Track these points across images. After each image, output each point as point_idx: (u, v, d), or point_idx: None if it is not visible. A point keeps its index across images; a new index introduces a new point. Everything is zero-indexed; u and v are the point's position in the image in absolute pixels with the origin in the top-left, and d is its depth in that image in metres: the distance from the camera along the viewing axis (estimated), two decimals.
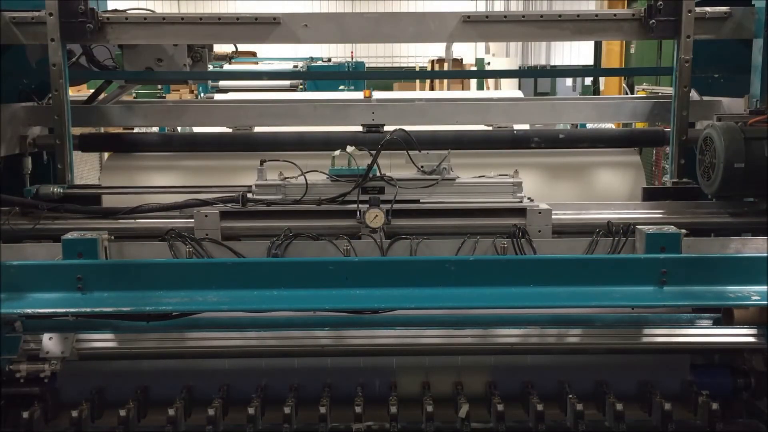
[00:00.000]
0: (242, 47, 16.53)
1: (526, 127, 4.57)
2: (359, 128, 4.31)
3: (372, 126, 4.29)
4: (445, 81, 19.31)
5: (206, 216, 3.37)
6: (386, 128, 4.27)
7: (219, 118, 4.46)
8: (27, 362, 3.15)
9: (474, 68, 21.99)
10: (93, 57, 4.30)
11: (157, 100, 4.62)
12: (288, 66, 15.93)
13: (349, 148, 3.47)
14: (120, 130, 6.62)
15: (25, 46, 4.04)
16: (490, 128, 4.42)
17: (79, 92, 5.17)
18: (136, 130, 6.36)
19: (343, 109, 4.39)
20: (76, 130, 4.11)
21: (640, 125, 5.24)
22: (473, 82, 19.51)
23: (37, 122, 4.18)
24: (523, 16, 3.98)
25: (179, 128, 4.86)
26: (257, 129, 4.45)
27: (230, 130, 4.46)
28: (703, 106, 4.20)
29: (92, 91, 4.55)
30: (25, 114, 4.14)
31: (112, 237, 3.27)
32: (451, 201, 3.43)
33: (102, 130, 6.08)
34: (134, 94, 9.27)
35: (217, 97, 8.16)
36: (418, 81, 21.18)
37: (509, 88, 18.71)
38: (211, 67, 4.82)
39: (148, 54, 4.15)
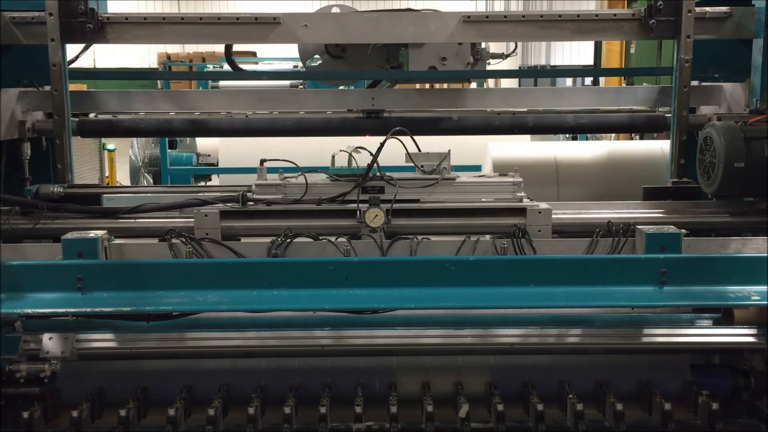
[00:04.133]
0: (242, 47, 16.50)
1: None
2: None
3: (372, 111, 4.32)
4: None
5: (206, 216, 3.36)
6: (386, 114, 4.34)
7: (219, 104, 4.48)
8: (27, 362, 3.14)
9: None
10: (231, 56, 4.37)
11: (157, 90, 4.63)
12: (288, 66, 15.90)
13: (349, 147, 3.47)
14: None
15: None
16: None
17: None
18: None
19: (342, 94, 4.40)
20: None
21: None
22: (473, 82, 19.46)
23: (36, 107, 4.17)
24: (523, 16, 3.98)
25: None
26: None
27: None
28: (703, 92, 4.21)
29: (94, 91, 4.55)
30: (24, 99, 4.13)
31: (112, 237, 3.27)
32: (451, 201, 3.43)
33: None
34: None
35: None
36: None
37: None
38: (210, 67, 4.83)
39: (432, 53, 4.14)
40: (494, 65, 4.48)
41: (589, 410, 3.20)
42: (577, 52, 26.17)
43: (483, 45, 4.19)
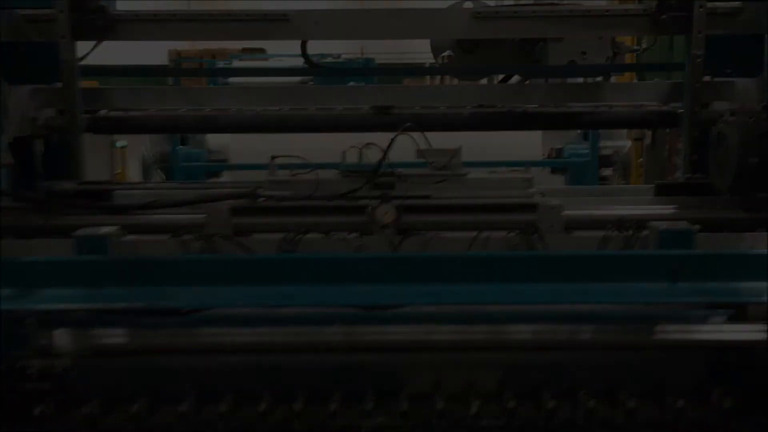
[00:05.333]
0: (251, 44, 16.53)
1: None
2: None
3: (382, 108, 4.32)
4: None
5: (217, 212, 3.37)
6: (396, 111, 4.33)
7: (228, 101, 4.49)
8: (38, 358, 3.15)
9: None
10: (306, 52, 4.53)
11: (167, 86, 4.66)
12: (298, 62, 15.89)
13: (359, 144, 3.48)
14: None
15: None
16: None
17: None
18: None
19: (352, 90, 4.42)
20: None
21: None
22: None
23: (47, 104, 4.18)
24: (533, 12, 3.98)
25: None
26: None
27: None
28: (715, 87, 4.19)
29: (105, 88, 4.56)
30: (36, 96, 4.14)
31: (125, 233, 3.28)
32: (462, 197, 3.42)
33: None
34: None
35: None
36: (429, 77, 21.12)
37: None
38: (221, 64, 4.86)
39: (573, 47, 4.15)
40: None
41: (602, 407, 3.18)
42: None
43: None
